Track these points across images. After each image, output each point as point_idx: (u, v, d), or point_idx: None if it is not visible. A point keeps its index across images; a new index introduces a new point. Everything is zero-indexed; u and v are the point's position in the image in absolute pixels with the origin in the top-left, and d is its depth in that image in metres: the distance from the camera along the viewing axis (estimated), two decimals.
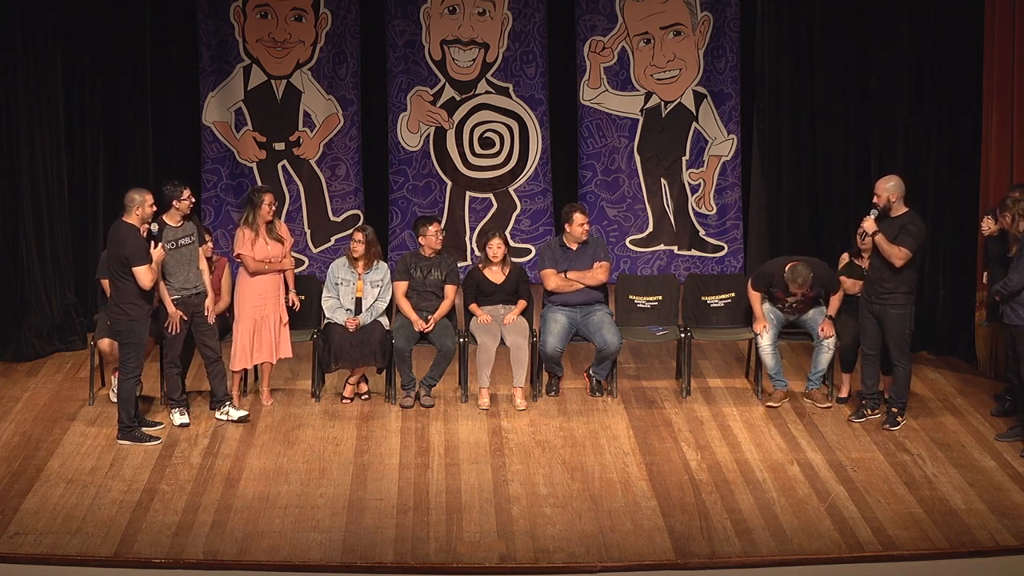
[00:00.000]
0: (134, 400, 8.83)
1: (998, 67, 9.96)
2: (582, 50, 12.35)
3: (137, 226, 8.61)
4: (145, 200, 8.65)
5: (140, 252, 8.56)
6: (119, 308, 8.66)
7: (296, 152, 12.35)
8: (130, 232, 8.59)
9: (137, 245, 8.57)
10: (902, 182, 8.93)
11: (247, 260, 9.29)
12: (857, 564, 7.19)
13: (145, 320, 8.71)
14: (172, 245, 8.93)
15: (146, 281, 8.56)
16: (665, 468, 8.39)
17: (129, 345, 8.71)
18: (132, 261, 8.53)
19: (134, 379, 8.78)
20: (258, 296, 9.32)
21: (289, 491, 8.00)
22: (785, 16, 11.77)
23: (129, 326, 8.67)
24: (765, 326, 9.47)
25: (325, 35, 12.22)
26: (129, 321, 8.66)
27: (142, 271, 8.54)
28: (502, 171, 12.55)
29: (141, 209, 8.62)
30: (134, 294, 8.59)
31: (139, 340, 8.71)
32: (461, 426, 9.14)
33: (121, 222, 8.65)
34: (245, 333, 9.33)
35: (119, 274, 8.61)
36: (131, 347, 8.71)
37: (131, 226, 8.60)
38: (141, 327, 8.70)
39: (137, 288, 8.57)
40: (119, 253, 8.56)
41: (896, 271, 8.83)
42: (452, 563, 7.11)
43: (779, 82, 11.87)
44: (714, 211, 12.54)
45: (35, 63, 10.62)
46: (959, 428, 9.10)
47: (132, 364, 8.72)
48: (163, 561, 7.11)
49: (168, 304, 8.92)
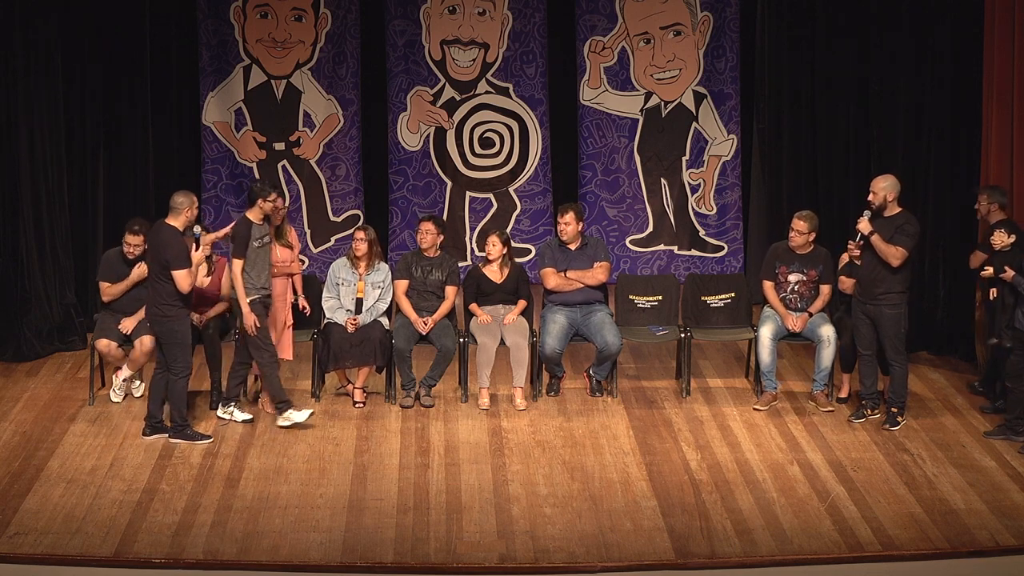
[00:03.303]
0: (185, 399, 8.83)
1: (998, 67, 9.96)
2: (582, 50, 12.36)
3: (180, 229, 8.61)
4: (192, 204, 8.65)
5: (182, 256, 8.54)
6: (157, 309, 8.67)
7: (296, 152, 12.36)
8: (173, 235, 8.58)
9: (179, 249, 8.55)
10: (897, 181, 8.96)
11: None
12: (857, 564, 7.19)
13: (184, 319, 8.70)
14: (258, 243, 8.95)
15: (185, 285, 8.55)
16: (665, 468, 8.39)
17: (172, 345, 8.70)
18: (172, 264, 8.51)
19: (185, 378, 8.76)
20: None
21: (289, 491, 8.00)
22: (785, 16, 11.78)
23: (168, 327, 8.67)
24: (787, 314, 9.47)
25: (325, 35, 12.22)
26: (168, 322, 8.66)
27: (182, 275, 8.52)
28: (502, 171, 12.55)
29: (189, 212, 8.62)
30: (171, 295, 8.58)
31: (182, 339, 8.69)
32: (461, 426, 9.14)
33: (164, 224, 8.63)
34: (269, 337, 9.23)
35: (158, 276, 8.60)
36: (175, 347, 8.69)
37: (174, 229, 8.59)
38: (181, 326, 8.68)
39: (174, 289, 8.56)
40: (160, 256, 8.55)
41: (892, 271, 8.85)
42: (452, 563, 7.11)
43: (779, 82, 11.87)
44: (714, 211, 12.54)
45: (35, 63, 10.62)
46: (959, 428, 9.10)
47: (180, 364, 8.71)
48: (163, 561, 7.11)
49: (244, 305, 8.87)
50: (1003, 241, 9.11)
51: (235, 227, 8.94)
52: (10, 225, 10.68)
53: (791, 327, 9.49)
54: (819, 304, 9.55)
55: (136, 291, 9.45)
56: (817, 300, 9.54)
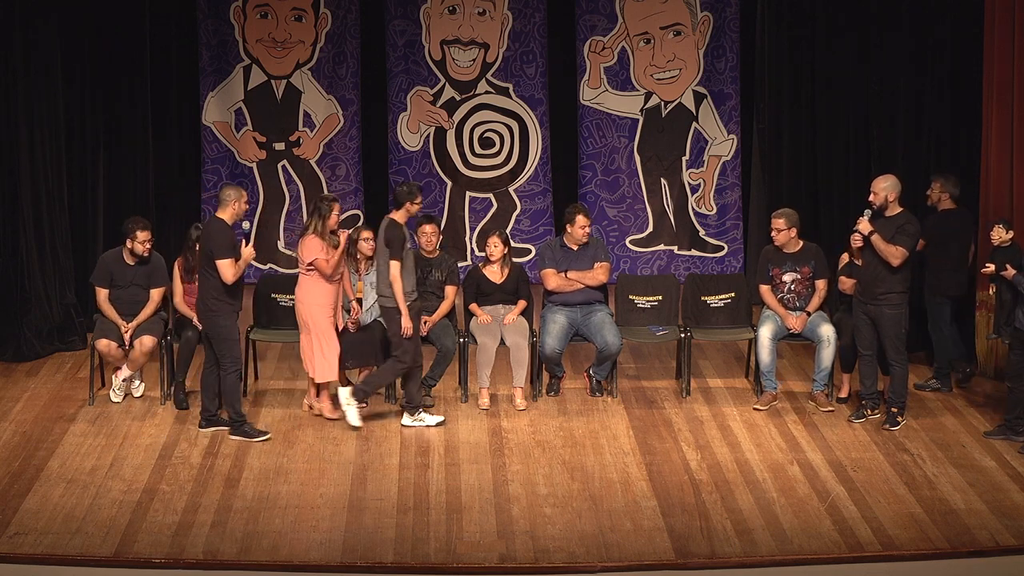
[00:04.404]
0: (239, 393, 8.84)
1: (998, 67, 9.96)
2: (582, 50, 12.36)
3: (228, 222, 8.63)
4: (241, 196, 8.68)
5: (226, 246, 8.55)
6: (204, 304, 8.71)
7: (296, 152, 12.36)
8: (220, 227, 8.61)
9: (224, 239, 8.57)
10: (898, 181, 8.96)
11: (325, 265, 9.06)
12: (857, 564, 7.18)
13: (229, 314, 8.69)
14: (411, 246, 8.98)
15: (228, 275, 8.54)
16: (665, 468, 8.39)
17: (219, 340, 8.72)
18: (216, 254, 8.53)
19: (235, 372, 8.77)
20: (331, 305, 9.16)
21: (289, 491, 8.00)
22: (785, 16, 11.78)
23: (214, 321, 8.69)
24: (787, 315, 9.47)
25: (325, 35, 12.23)
26: (213, 316, 8.68)
27: (225, 264, 8.53)
28: (502, 171, 12.55)
29: (236, 205, 8.64)
30: (217, 290, 8.59)
31: (228, 334, 8.69)
32: (461, 426, 9.14)
33: (214, 217, 8.70)
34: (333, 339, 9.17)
35: (206, 270, 8.65)
36: (222, 342, 8.71)
37: (222, 221, 8.63)
38: (227, 320, 8.68)
39: (221, 284, 8.57)
40: (206, 247, 8.58)
41: (892, 271, 8.85)
42: (452, 563, 7.11)
43: (779, 82, 11.88)
44: (714, 211, 12.55)
45: (35, 63, 10.62)
46: (959, 428, 9.10)
47: (228, 359, 8.72)
48: (163, 561, 7.10)
49: (402, 307, 8.85)
50: (1000, 237, 9.12)
51: (387, 231, 8.87)
52: (10, 225, 10.68)
53: (791, 327, 9.49)
54: (816, 302, 9.54)
55: (134, 292, 9.45)
56: (814, 297, 9.54)
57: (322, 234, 9.05)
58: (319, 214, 9.07)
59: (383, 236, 8.93)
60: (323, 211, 9.07)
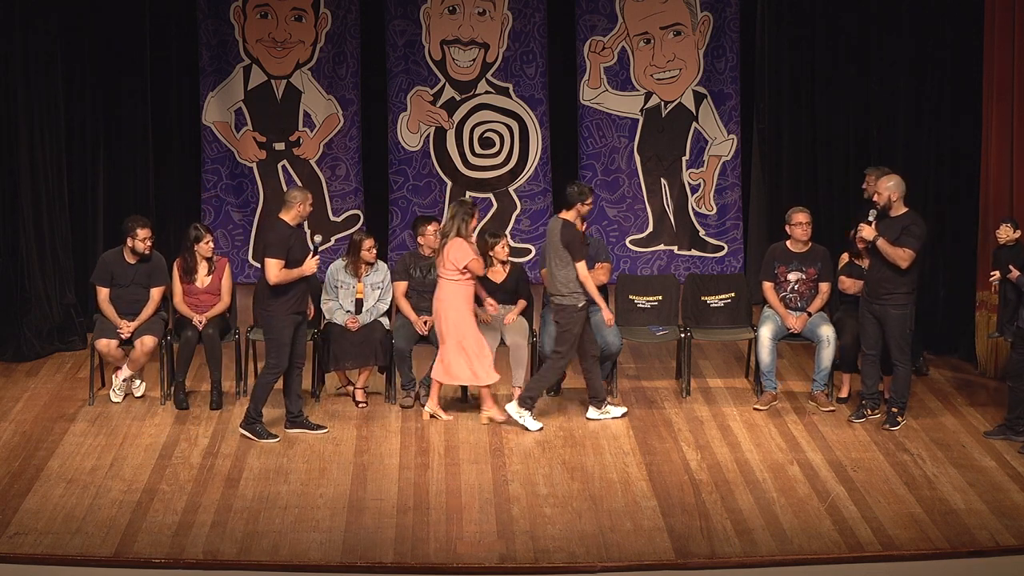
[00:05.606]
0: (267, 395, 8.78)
1: (998, 67, 9.96)
2: (582, 50, 12.36)
3: (291, 223, 8.62)
4: (306, 199, 8.67)
5: (280, 245, 8.53)
6: (259, 300, 8.74)
7: (296, 152, 12.36)
8: (279, 226, 8.62)
9: (279, 238, 8.55)
10: (903, 181, 8.93)
11: (479, 267, 9.05)
12: (857, 564, 7.18)
13: (283, 318, 8.64)
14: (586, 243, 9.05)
15: (271, 275, 8.52)
16: (665, 468, 8.39)
17: (268, 340, 8.73)
18: (267, 252, 8.53)
19: (274, 375, 8.75)
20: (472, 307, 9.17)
21: (289, 491, 8.00)
22: (785, 16, 11.78)
23: (267, 319, 8.71)
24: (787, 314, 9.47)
25: (325, 35, 12.23)
26: (266, 315, 8.71)
27: (271, 263, 8.52)
28: (502, 171, 12.55)
29: (301, 207, 8.64)
30: (269, 288, 8.60)
31: (278, 336, 8.67)
32: (461, 426, 9.14)
33: (276, 217, 8.72)
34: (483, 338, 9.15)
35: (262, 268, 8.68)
36: (271, 343, 8.71)
37: (283, 222, 8.63)
38: (278, 323, 8.65)
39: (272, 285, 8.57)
40: (260, 243, 8.59)
41: (899, 272, 8.81)
42: (452, 563, 7.11)
43: (779, 82, 11.87)
44: (714, 211, 12.55)
45: (35, 63, 10.62)
46: (959, 428, 9.10)
47: (272, 360, 8.72)
48: (163, 561, 7.10)
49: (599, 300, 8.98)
50: (1008, 236, 9.11)
51: (563, 233, 8.85)
52: (10, 225, 10.69)
53: (791, 327, 9.48)
54: (818, 303, 9.55)
55: (135, 291, 9.45)
56: (816, 299, 9.54)
57: (467, 237, 9.02)
58: (462, 217, 9.00)
59: (559, 238, 8.89)
60: (466, 214, 9.00)
